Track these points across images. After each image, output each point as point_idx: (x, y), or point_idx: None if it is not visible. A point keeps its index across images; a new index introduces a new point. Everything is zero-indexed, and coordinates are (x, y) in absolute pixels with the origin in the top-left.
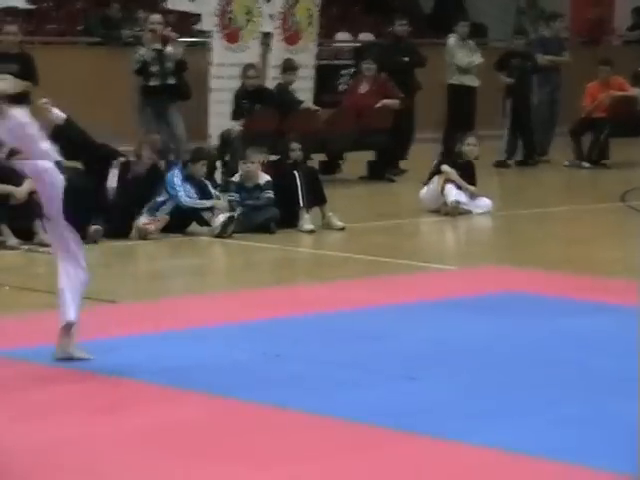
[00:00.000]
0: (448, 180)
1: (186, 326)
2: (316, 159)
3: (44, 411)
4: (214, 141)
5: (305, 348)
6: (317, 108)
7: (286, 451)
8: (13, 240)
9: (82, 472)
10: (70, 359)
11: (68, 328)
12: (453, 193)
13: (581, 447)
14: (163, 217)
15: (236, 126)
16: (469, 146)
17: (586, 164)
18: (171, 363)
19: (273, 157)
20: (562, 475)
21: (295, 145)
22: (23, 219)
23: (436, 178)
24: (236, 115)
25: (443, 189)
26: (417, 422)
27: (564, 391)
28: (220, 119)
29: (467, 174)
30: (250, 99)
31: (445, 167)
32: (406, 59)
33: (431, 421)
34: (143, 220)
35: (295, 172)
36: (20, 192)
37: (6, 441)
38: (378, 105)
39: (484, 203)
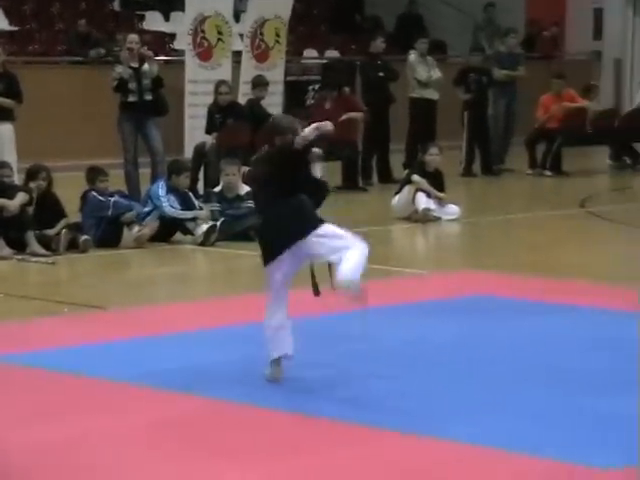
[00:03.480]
0: (419, 189)
1: (171, 331)
2: None
3: (43, 414)
4: (189, 154)
5: None
6: None
7: (265, 448)
8: (6, 250)
9: (79, 470)
10: None
11: None
12: (423, 201)
13: (547, 441)
14: (153, 223)
15: (210, 139)
16: (431, 156)
17: (548, 172)
18: (155, 366)
19: (246, 168)
20: (529, 468)
21: None
22: (16, 230)
23: (407, 187)
24: (210, 129)
25: (414, 197)
26: (393, 419)
27: (532, 387)
28: (195, 133)
29: (436, 182)
30: (223, 114)
31: (415, 177)
32: (381, 74)
33: (407, 418)
34: (136, 229)
35: None
36: (13, 205)
37: (5, 443)
38: (343, 118)
39: (452, 210)
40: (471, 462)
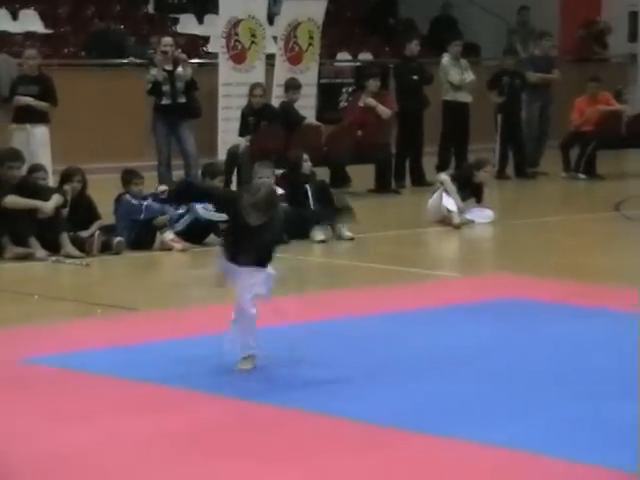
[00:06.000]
0: (445, 190)
1: (203, 333)
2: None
3: (74, 416)
4: (222, 156)
5: (316, 353)
6: (319, 124)
7: (295, 451)
8: (41, 252)
9: (111, 474)
10: None
11: None
12: (450, 202)
13: (581, 445)
14: (187, 245)
15: (243, 142)
16: (486, 173)
17: (582, 175)
18: (188, 368)
19: (279, 171)
20: (565, 472)
21: (306, 156)
22: (50, 232)
23: (438, 191)
24: (243, 132)
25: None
26: (424, 422)
27: (564, 391)
28: (228, 136)
29: (475, 193)
30: (256, 116)
31: (442, 176)
32: (415, 77)
33: (438, 421)
34: (170, 236)
35: (306, 185)
36: (47, 206)
37: (36, 445)
38: (363, 104)
39: (486, 213)
40: (507, 465)
